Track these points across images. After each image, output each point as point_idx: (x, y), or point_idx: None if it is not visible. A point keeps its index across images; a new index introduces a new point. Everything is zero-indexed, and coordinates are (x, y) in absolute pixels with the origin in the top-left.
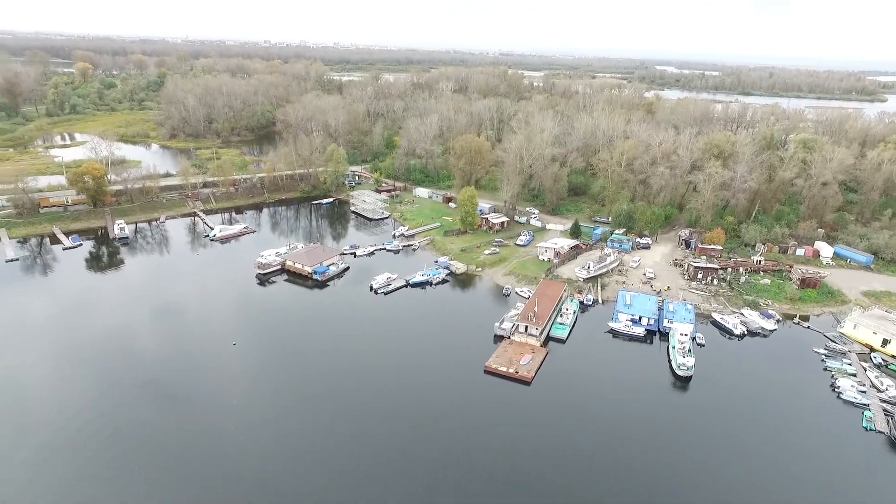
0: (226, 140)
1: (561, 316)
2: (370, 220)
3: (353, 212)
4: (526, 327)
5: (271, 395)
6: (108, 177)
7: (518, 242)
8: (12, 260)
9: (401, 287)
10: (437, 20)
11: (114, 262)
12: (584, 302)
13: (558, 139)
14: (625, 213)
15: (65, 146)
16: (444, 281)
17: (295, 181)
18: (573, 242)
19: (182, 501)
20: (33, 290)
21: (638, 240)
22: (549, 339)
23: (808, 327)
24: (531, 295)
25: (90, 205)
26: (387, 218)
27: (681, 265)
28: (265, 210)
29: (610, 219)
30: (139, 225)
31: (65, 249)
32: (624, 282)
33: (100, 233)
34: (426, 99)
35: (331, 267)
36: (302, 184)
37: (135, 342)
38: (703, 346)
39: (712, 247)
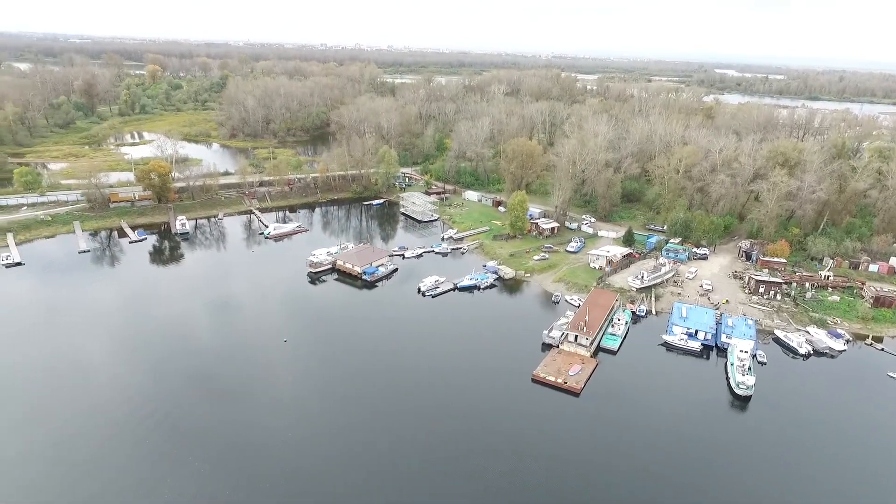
0: (282, 140)
1: (612, 326)
2: (419, 222)
3: (403, 213)
4: (576, 337)
5: (319, 394)
6: (172, 174)
7: (569, 249)
8: (84, 251)
9: (448, 290)
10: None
11: (174, 257)
12: (637, 313)
13: (612, 144)
14: (681, 222)
15: (133, 144)
16: (492, 286)
17: (347, 181)
18: (626, 250)
19: (229, 492)
20: (101, 281)
21: (695, 250)
22: (599, 349)
23: (883, 349)
24: (582, 303)
25: (155, 201)
26: (436, 220)
27: (741, 278)
28: (317, 209)
29: (665, 227)
30: (199, 221)
31: (131, 243)
32: (679, 293)
33: (163, 228)
34: (478, 102)
35: (380, 268)
36: (353, 184)
37: (190, 333)
38: (765, 364)
39: (775, 259)
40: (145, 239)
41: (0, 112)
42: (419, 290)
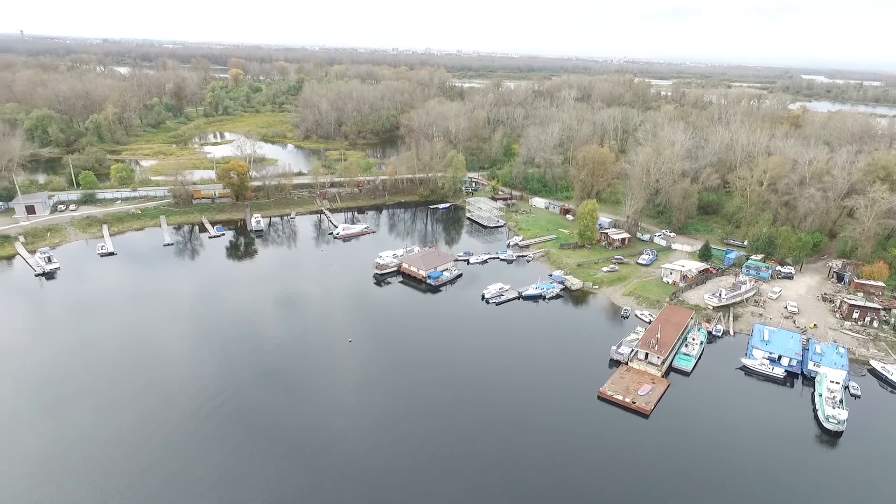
0: (353, 142)
1: (686, 346)
2: (485, 227)
3: (469, 218)
4: (646, 354)
5: (381, 397)
6: (250, 174)
7: (640, 261)
8: (168, 244)
9: (513, 299)
10: (559, 28)
11: (249, 252)
12: (713, 332)
13: (689, 153)
14: (764, 238)
15: (216, 144)
16: (557, 296)
17: (414, 185)
18: (702, 266)
19: (293, 489)
20: (182, 272)
21: (779, 268)
22: (671, 369)
23: None
24: (653, 319)
25: (233, 198)
26: (501, 226)
27: (831, 301)
28: (384, 211)
29: (746, 242)
30: (273, 219)
31: (210, 238)
32: (761, 314)
33: (239, 224)
34: (547, 107)
35: (445, 272)
36: (421, 188)
37: (260, 327)
38: (859, 397)
39: (872, 283)
40: (223, 234)
41: (102, 112)
42: (483, 297)
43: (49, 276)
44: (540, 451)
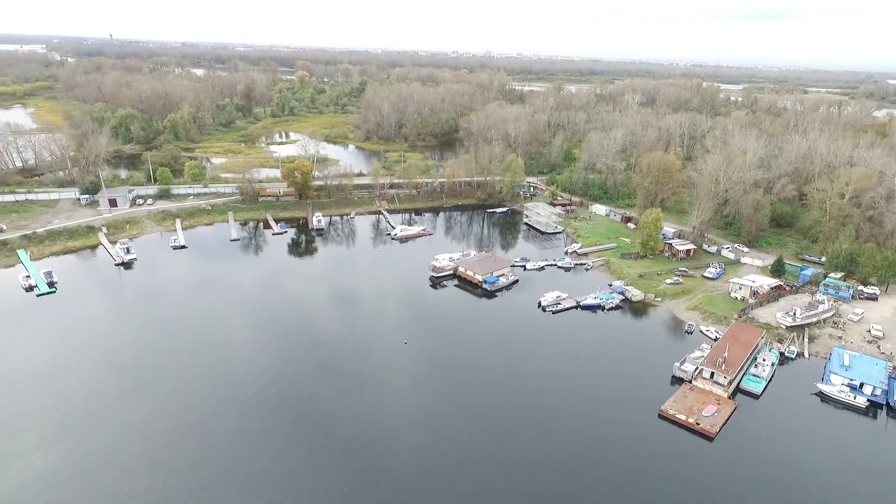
0: (412, 144)
1: (756, 367)
2: (542, 233)
3: (526, 223)
4: (712, 373)
5: (435, 401)
6: (313, 173)
7: (706, 274)
8: (235, 240)
9: (571, 308)
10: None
11: (309, 250)
12: (786, 354)
13: (762, 162)
14: (845, 255)
15: (281, 143)
16: (617, 307)
17: (472, 188)
18: (775, 282)
19: (345, 488)
20: (247, 266)
21: (861, 288)
22: (738, 390)
23: None
24: (720, 337)
25: (296, 197)
26: (560, 233)
27: None
28: (441, 214)
29: (823, 259)
30: (333, 218)
31: (274, 234)
32: (840, 337)
33: (301, 222)
34: (610, 112)
35: (501, 278)
36: (478, 191)
37: (317, 324)
38: None
39: None
40: (286, 232)
41: (178, 112)
42: (539, 305)
43: (127, 265)
44: (597, 464)
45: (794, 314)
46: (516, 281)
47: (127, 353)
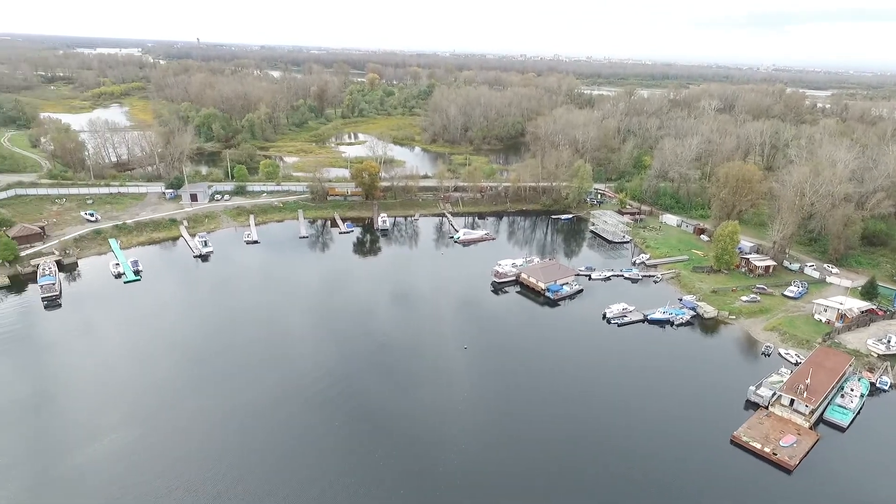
0: (477, 147)
1: (842, 396)
2: (609, 242)
3: (592, 231)
4: (792, 401)
5: (493, 410)
6: (380, 174)
7: (787, 293)
8: (303, 237)
9: (637, 321)
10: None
11: (373, 250)
12: (878, 385)
13: (854, 174)
14: None
15: (350, 144)
16: (687, 323)
17: (537, 193)
18: (866, 305)
19: (403, 489)
20: (314, 264)
21: None
22: (821, 421)
23: None
24: (802, 361)
25: (363, 197)
26: (627, 242)
27: None
28: (505, 218)
29: None
30: (397, 219)
31: (340, 233)
32: None
33: (366, 222)
34: (685, 118)
35: (565, 286)
36: (544, 196)
37: (378, 324)
38: None
39: None
40: (352, 231)
41: (256, 112)
42: (604, 317)
43: (204, 258)
44: (664, 487)
45: (889, 342)
46: (580, 290)
47: (199, 341)
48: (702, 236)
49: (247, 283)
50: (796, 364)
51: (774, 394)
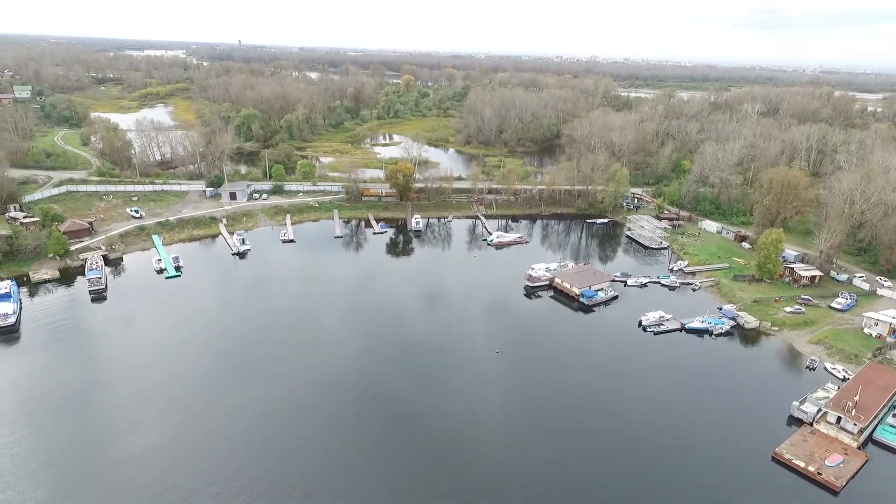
0: (512, 149)
1: (894, 416)
2: (646, 248)
3: (628, 236)
4: (838, 418)
5: (526, 417)
6: (414, 175)
7: (834, 305)
8: (338, 237)
9: (674, 330)
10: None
11: (406, 250)
12: None
13: None
14: None
15: (385, 145)
16: (727, 333)
17: (572, 197)
18: None
19: (430, 493)
20: (348, 263)
21: None
22: (871, 441)
23: None
24: (850, 377)
25: (397, 198)
26: (665, 248)
27: None
28: (539, 222)
29: None
30: (431, 220)
31: (374, 234)
32: None
33: (400, 223)
34: (726, 121)
35: (600, 292)
36: (579, 200)
37: (410, 324)
38: None
39: None
40: (385, 232)
41: (294, 113)
42: (640, 324)
43: (242, 255)
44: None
45: None
46: (616, 297)
47: (235, 337)
48: (743, 244)
49: (282, 282)
50: (844, 380)
51: (820, 410)
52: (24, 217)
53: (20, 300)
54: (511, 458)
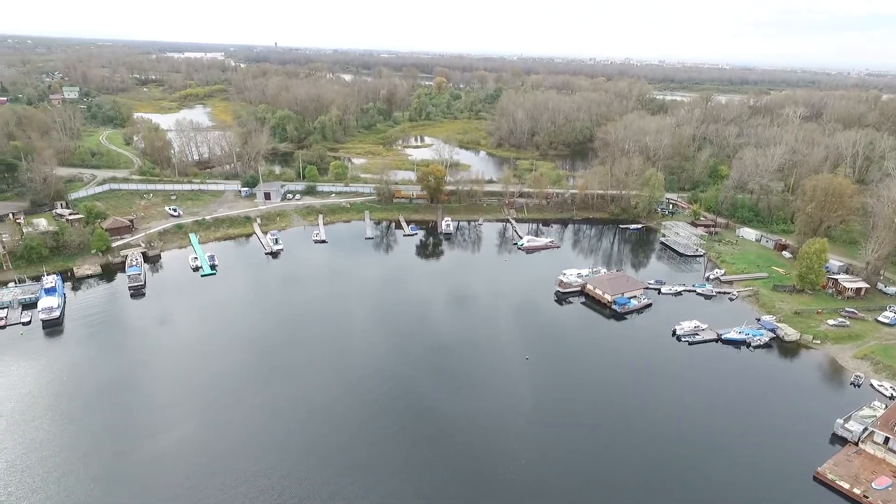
0: (543, 153)
1: None
2: (680, 255)
3: (662, 243)
4: (887, 439)
5: (556, 428)
6: (446, 178)
7: (881, 319)
8: (369, 238)
9: (710, 340)
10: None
11: (436, 253)
12: None
13: None
14: None
15: (416, 147)
16: (766, 345)
17: (605, 201)
18: None
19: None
20: (378, 264)
21: None
22: None
23: None
24: None
25: (428, 200)
26: (700, 256)
27: None
28: (570, 226)
29: None
30: (461, 223)
31: (405, 235)
32: None
33: (430, 225)
34: (766, 126)
35: (633, 300)
36: (612, 205)
37: (437, 327)
38: None
39: None
40: (416, 234)
41: (327, 114)
42: (674, 333)
43: (275, 255)
44: None
45: None
46: (649, 304)
47: (266, 337)
48: (784, 253)
49: (314, 282)
50: (892, 398)
51: (866, 429)
52: (70, 214)
53: (64, 294)
54: (538, 468)
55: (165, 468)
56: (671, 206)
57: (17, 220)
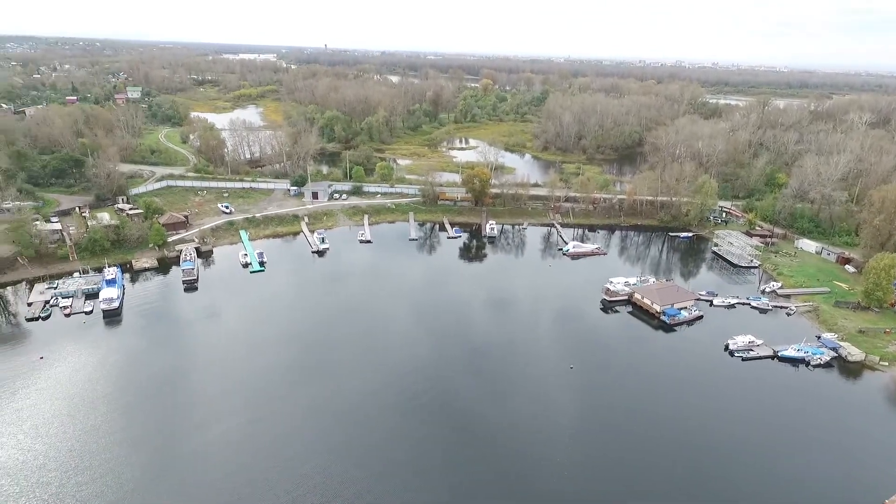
0: (590, 157)
1: None
2: (734, 266)
3: (715, 252)
4: None
5: (601, 442)
6: (491, 180)
7: None
8: (413, 239)
9: (765, 357)
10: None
11: (480, 256)
12: None
13: None
14: None
15: (461, 149)
16: (826, 365)
17: (654, 208)
18: None
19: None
20: (421, 266)
21: None
22: None
23: None
24: None
25: (472, 203)
26: (755, 267)
27: None
28: (617, 233)
29: None
30: (505, 227)
31: (448, 238)
32: None
33: (474, 228)
34: (829, 132)
35: (683, 311)
36: (661, 212)
37: (479, 333)
38: None
39: None
40: (460, 236)
41: (374, 115)
42: (727, 348)
43: (321, 254)
44: None
45: None
46: (700, 317)
47: (311, 335)
48: (847, 266)
49: (358, 281)
50: None
51: None
52: (130, 209)
53: (123, 286)
54: (585, 478)
55: (208, 465)
56: (724, 214)
57: (83, 214)
